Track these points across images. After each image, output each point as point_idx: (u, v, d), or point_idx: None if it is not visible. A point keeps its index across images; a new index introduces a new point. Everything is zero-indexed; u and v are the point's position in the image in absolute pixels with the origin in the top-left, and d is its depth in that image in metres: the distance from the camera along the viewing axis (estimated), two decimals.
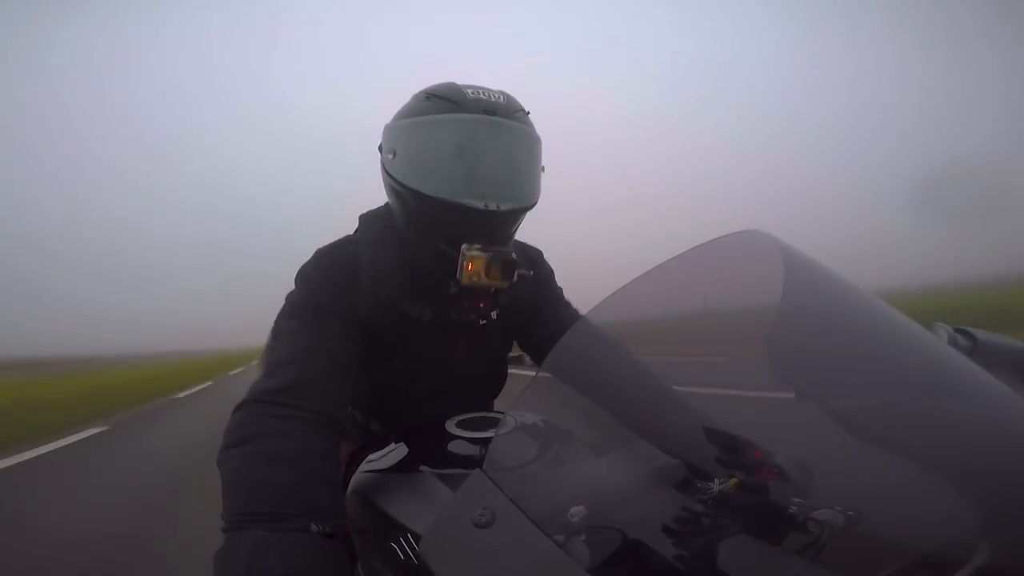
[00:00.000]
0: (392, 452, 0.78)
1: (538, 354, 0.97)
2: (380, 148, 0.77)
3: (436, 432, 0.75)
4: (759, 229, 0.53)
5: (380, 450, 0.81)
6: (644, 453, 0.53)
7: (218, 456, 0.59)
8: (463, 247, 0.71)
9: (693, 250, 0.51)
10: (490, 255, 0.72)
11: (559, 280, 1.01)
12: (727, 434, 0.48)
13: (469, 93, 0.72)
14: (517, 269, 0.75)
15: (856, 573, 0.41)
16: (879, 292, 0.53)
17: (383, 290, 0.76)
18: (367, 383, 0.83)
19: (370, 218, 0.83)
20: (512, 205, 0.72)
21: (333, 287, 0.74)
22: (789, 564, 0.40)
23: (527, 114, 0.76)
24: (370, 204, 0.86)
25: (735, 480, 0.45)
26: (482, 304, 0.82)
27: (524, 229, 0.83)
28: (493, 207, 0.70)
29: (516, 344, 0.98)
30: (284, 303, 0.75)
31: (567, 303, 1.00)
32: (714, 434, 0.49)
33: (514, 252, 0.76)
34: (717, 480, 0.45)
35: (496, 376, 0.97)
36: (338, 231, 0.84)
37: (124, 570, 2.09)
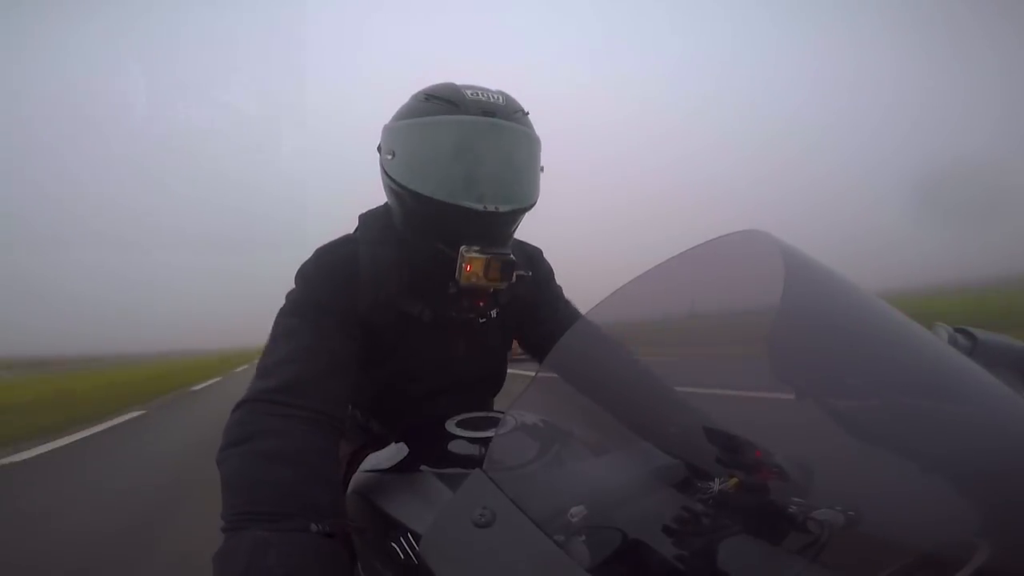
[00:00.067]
0: (392, 452, 0.78)
1: (538, 353, 0.97)
2: (379, 148, 0.77)
3: (436, 432, 0.75)
4: (759, 229, 0.53)
5: (380, 450, 0.81)
6: (644, 453, 0.53)
7: (217, 455, 0.59)
8: (462, 248, 0.71)
9: (693, 250, 0.51)
10: (489, 256, 0.72)
11: (559, 280, 1.01)
12: (727, 434, 0.48)
13: (468, 94, 0.71)
14: (516, 269, 0.75)
15: (856, 573, 0.41)
16: (880, 292, 0.53)
17: (382, 289, 0.76)
18: (367, 382, 0.83)
19: (370, 217, 0.83)
20: (510, 206, 0.72)
21: (333, 285, 0.74)
22: (789, 564, 0.40)
23: (526, 115, 0.75)
24: (370, 204, 0.86)
25: (735, 480, 0.45)
26: (481, 303, 0.82)
27: (523, 229, 0.83)
28: (491, 208, 0.70)
29: (516, 343, 0.98)
30: (284, 301, 0.75)
31: (567, 302, 1.00)
32: (714, 434, 0.49)
33: (513, 251, 0.76)
34: (717, 480, 0.45)
35: (496, 375, 0.97)
36: (338, 231, 0.84)
37: (199, 485, 2.92)
